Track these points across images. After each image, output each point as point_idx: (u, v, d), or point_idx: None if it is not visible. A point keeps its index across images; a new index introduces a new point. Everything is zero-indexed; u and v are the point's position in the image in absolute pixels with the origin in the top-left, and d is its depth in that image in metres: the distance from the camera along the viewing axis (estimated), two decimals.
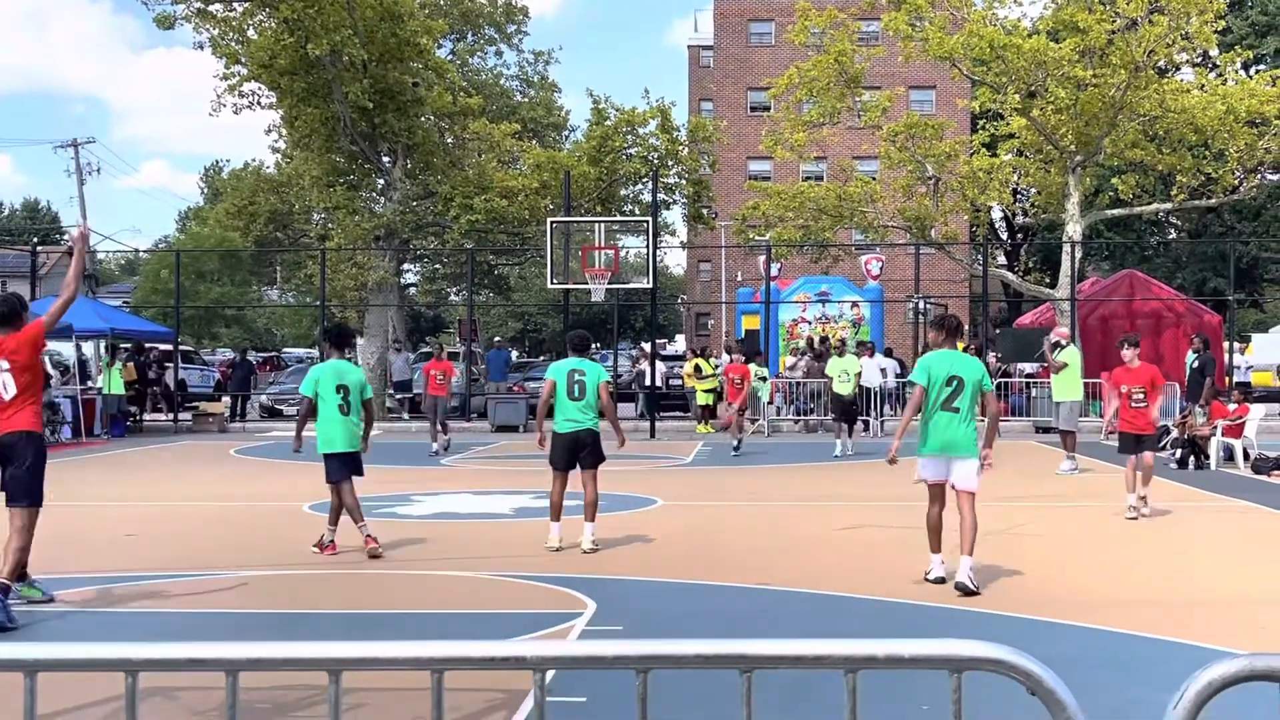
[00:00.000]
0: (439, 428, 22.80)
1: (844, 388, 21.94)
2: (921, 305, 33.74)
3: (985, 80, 31.07)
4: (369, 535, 11.06)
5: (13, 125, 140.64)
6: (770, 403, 29.22)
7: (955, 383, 9.53)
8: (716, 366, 30.60)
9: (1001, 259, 54.84)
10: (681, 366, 30.58)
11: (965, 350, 19.41)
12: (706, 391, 29.45)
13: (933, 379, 9.58)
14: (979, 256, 34.79)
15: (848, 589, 9.52)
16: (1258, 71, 40.52)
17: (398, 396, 34.51)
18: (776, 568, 10.47)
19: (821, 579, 9.89)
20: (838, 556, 11.21)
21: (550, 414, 11.47)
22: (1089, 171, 33.78)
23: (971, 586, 9.12)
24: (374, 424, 12.12)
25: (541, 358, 67.57)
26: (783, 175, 49.02)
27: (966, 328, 9.69)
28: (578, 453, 11.27)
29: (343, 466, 11.27)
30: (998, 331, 34.99)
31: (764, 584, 9.71)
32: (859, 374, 22.58)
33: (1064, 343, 19.68)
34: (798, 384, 30.10)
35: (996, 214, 53.96)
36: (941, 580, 9.43)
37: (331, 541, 11.30)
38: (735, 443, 22.38)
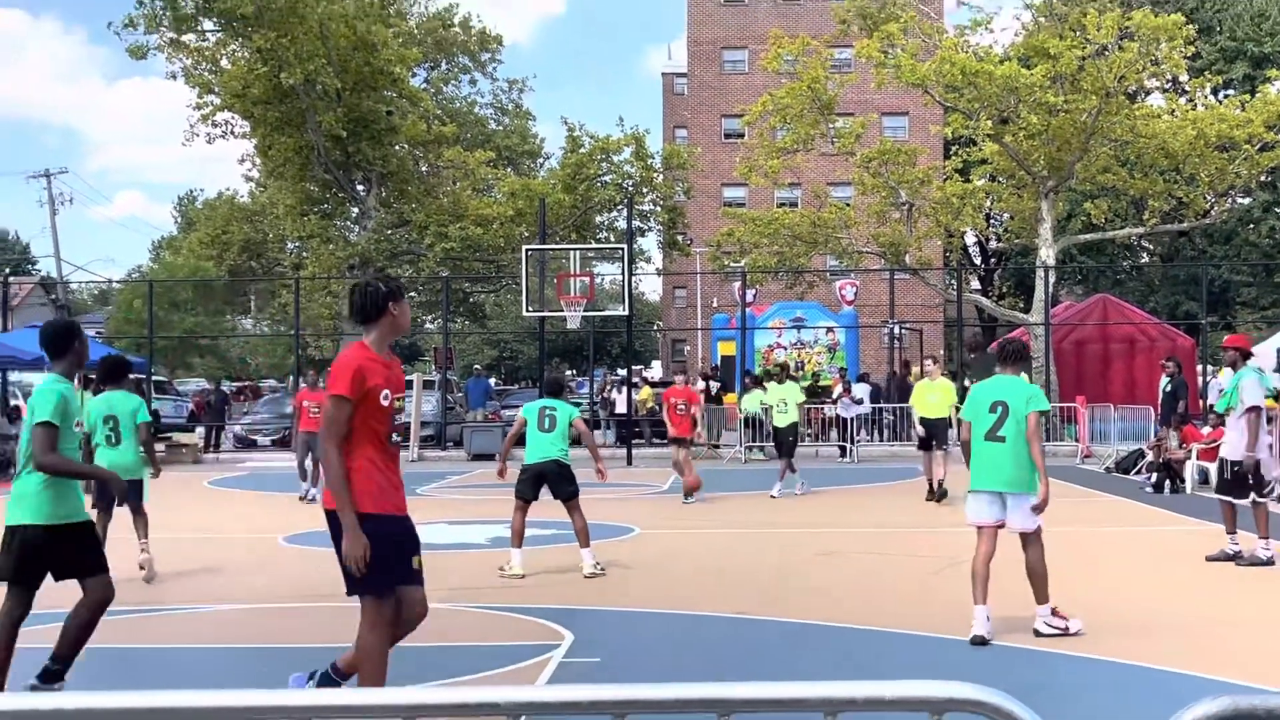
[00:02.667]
0: (315, 470, 18.86)
1: (781, 418, 19.65)
2: (896, 330, 33.82)
3: (958, 107, 31.26)
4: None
5: None
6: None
7: (999, 409, 8.66)
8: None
9: (976, 284, 55.13)
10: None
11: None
12: None
13: (976, 408, 8.86)
14: (953, 281, 34.92)
15: (827, 617, 9.46)
16: (1227, 96, 40.88)
17: None
18: (755, 596, 10.41)
19: (801, 608, 9.84)
20: (817, 584, 11.16)
21: (521, 447, 11.71)
22: (1061, 196, 34.01)
23: (1049, 631, 8.50)
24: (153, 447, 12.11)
25: (517, 385, 67.43)
26: (757, 201, 49.16)
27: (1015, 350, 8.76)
28: (544, 482, 11.47)
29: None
30: (972, 356, 35.05)
31: (742, 613, 9.65)
32: (801, 404, 20.35)
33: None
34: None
35: (970, 239, 54.22)
36: (982, 640, 8.31)
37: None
38: (685, 493, 18.43)
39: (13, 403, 30.80)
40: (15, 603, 6.94)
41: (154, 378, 35.71)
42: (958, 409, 17.30)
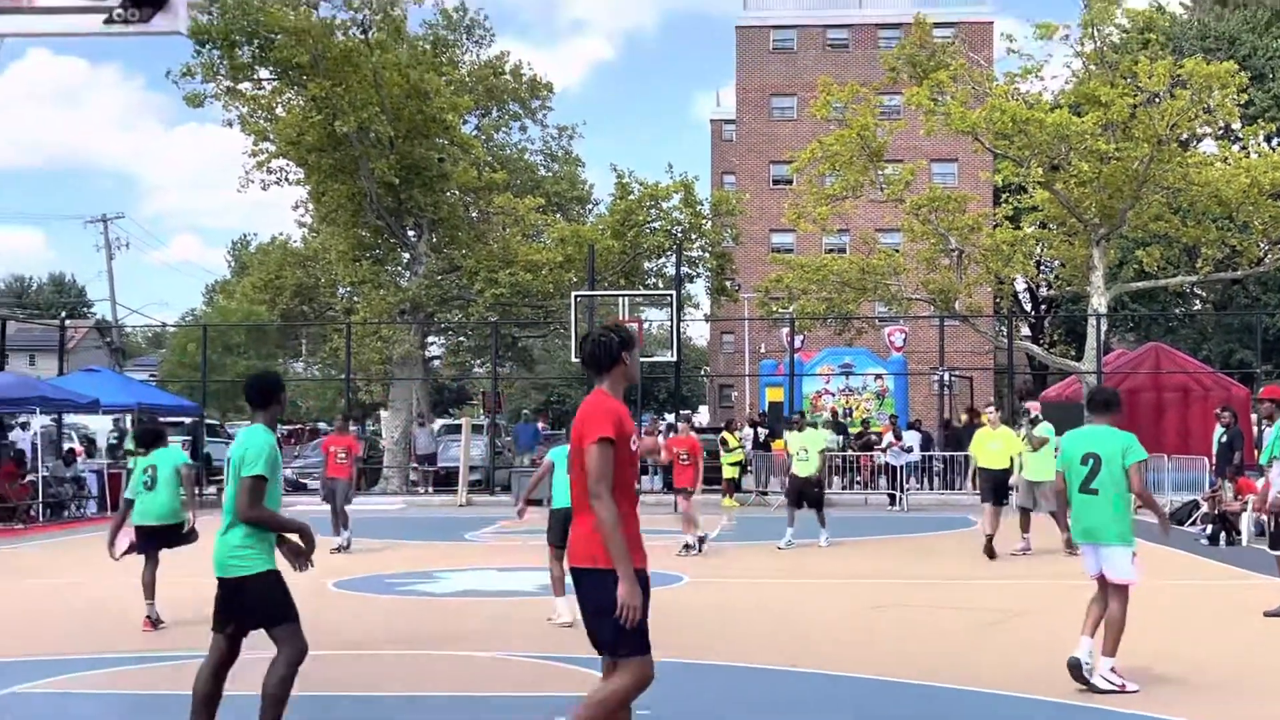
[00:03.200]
0: (340, 517, 18.76)
1: (802, 467, 18.75)
2: (946, 377, 33.63)
3: (1008, 154, 31.19)
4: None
5: (44, 201, 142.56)
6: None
7: (1091, 461, 8.68)
8: (743, 440, 30.50)
9: (1026, 331, 54.77)
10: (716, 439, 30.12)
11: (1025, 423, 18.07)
12: (732, 465, 29.34)
13: (1069, 460, 8.86)
14: (1003, 329, 34.69)
15: (879, 671, 9.39)
16: None
17: (421, 470, 34.48)
18: (807, 649, 10.35)
19: (853, 661, 9.77)
20: (868, 636, 11.08)
21: (537, 493, 12.15)
22: (1113, 244, 33.77)
23: (1106, 687, 8.39)
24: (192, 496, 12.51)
25: (565, 430, 67.47)
26: (805, 247, 49.16)
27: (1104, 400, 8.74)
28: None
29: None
30: (1023, 405, 34.80)
31: (794, 666, 9.60)
32: (824, 451, 19.46)
33: (1039, 416, 18.24)
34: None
35: (1020, 286, 53.90)
36: (1075, 664, 8.50)
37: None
38: (688, 540, 17.87)
39: (66, 445, 31.18)
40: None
41: (206, 420, 36.05)
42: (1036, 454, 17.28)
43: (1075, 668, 8.47)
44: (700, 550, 17.64)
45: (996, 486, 17.47)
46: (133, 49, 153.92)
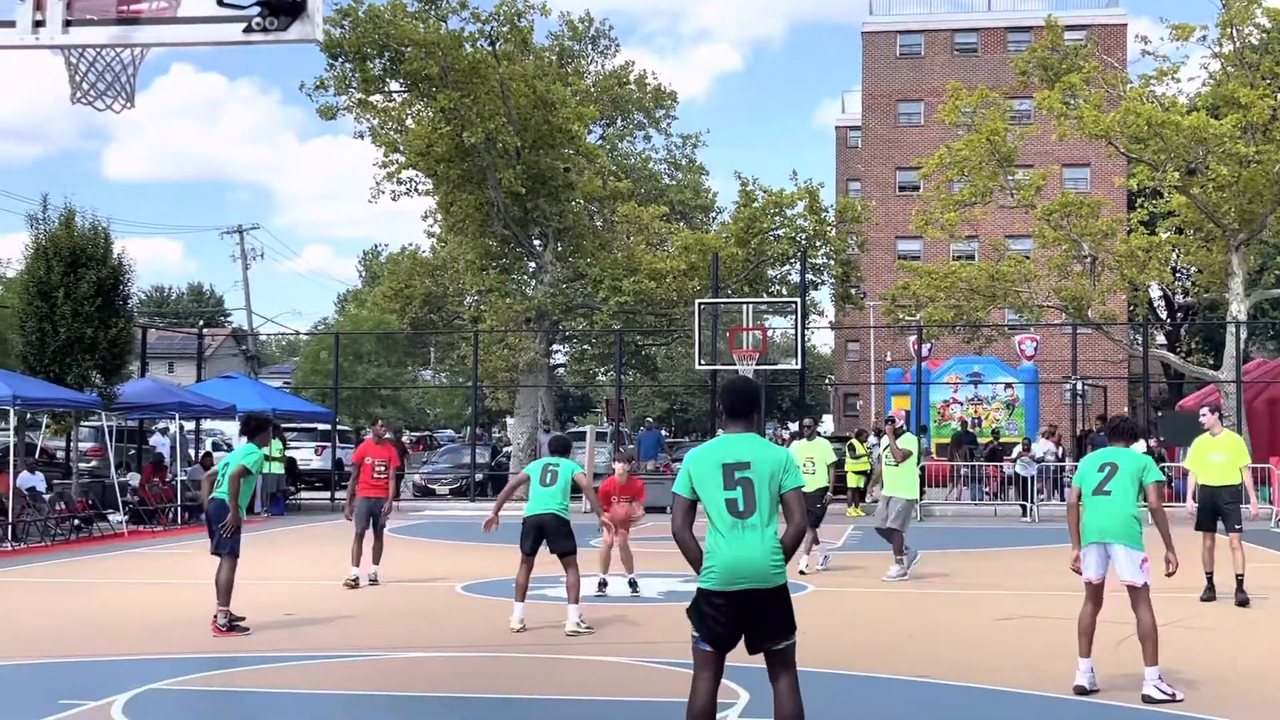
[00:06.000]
0: (376, 537, 15.39)
1: (809, 481, 15.64)
2: (1079, 387, 32.92)
3: (1142, 158, 30.46)
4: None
5: (183, 212, 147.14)
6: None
7: (1107, 469, 8.84)
8: (871, 448, 30.16)
9: (1161, 339, 53.36)
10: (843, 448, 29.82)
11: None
12: (857, 473, 29.08)
13: (1084, 472, 9.05)
14: (1138, 337, 33.89)
15: (1006, 682, 9.22)
16: None
17: None
18: (932, 659, 10.20)
19: (978, 672, 9.60)
20: (994, 648, 10.88)
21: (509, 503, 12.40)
22: (1253, 249, 32.78)
23: (1159, 696, 8.43)
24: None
25: (688, 438, 67.50)
26: (933, 255, 48.53)
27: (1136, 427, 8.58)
28: (543, 536, 11.65)
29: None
30: (1159, 414, 33.97)
31: (923, 677, 9.46)
32: (832, 465, 17.25)
33: (903, 426, 16.41)
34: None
35: (1155, 293, 52.57)
36: (1083, 690, 8.68)
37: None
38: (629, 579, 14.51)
39: (203, 450, 32.03)
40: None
41: (339, 427, 36.79)
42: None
43: (1084, 692, 8.64)
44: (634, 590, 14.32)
45: (1219, 507, 14.07)
46: (269, 64, 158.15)
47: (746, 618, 5.97)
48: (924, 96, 56.38)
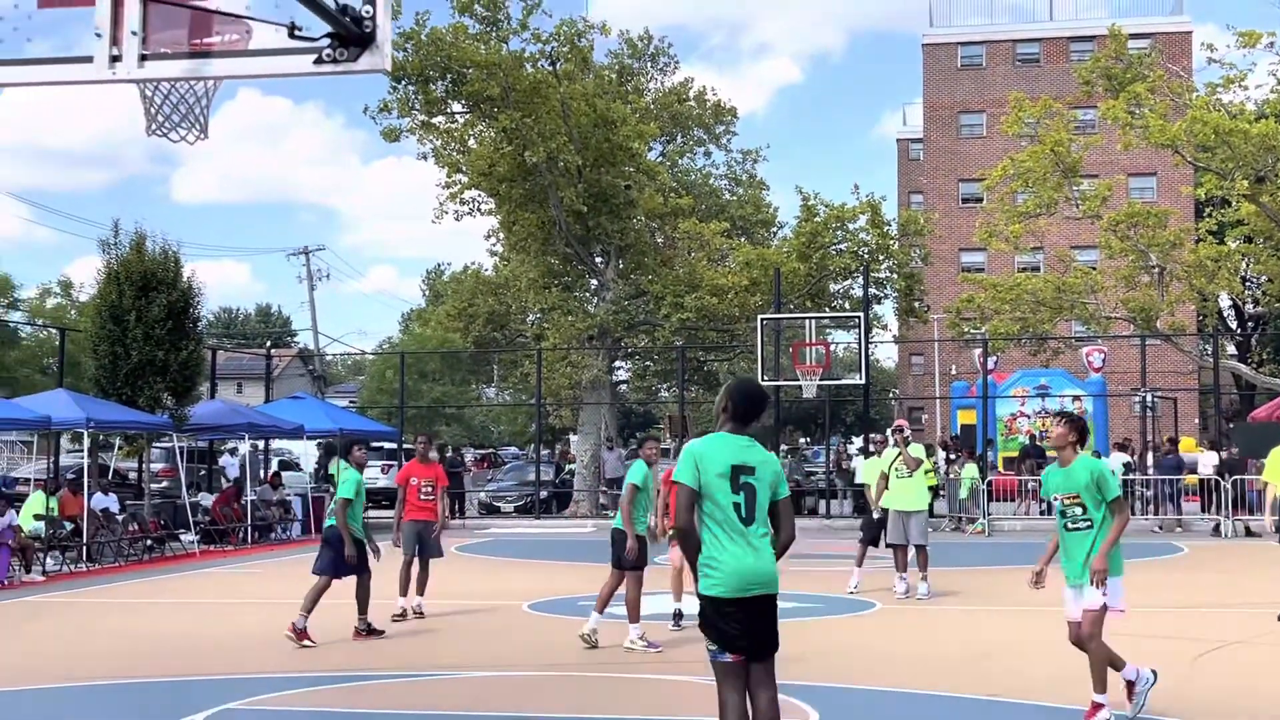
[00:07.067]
0: (422, 566, 14.15)
1: (910, 498, 15.17)
2: (1148, 399, 32.46)
3: (1210, 166, 30.05)
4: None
5: (250, 235, 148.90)
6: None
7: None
8: (936, 464, 29.89)
9: (1232, 349, 52.53)
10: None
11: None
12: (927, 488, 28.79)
13: (1048, 493, 8.63)
14: (1208, 347, 33.41)
15: (1079, 701, 9.10)
16: None
17: (610, 493, 34.82)
18: (1004, 676, 10.09)
19: (1052, 692, 9.48)
20: (1067, 666, 10.74)
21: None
22: None
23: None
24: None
25: None
26: (997, 267, 48.14)
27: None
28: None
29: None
30: (1231, 426, 33.43)
31: (995, 696, 9.37)
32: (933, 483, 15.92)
33: (910, 436, 15.60)
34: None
35: (1225, 303, 51.78)
36: None
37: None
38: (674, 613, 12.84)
39: (270, 470, 32.38)
40: None
41: (404, 445, 37.03)
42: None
43: None
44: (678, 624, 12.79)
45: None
46: (333, 88, 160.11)
47: (755, 624, 5.88)
48: (986, 108, 56.02)
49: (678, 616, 12.55)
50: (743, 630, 5.85)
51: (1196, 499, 28.50)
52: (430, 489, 14.19)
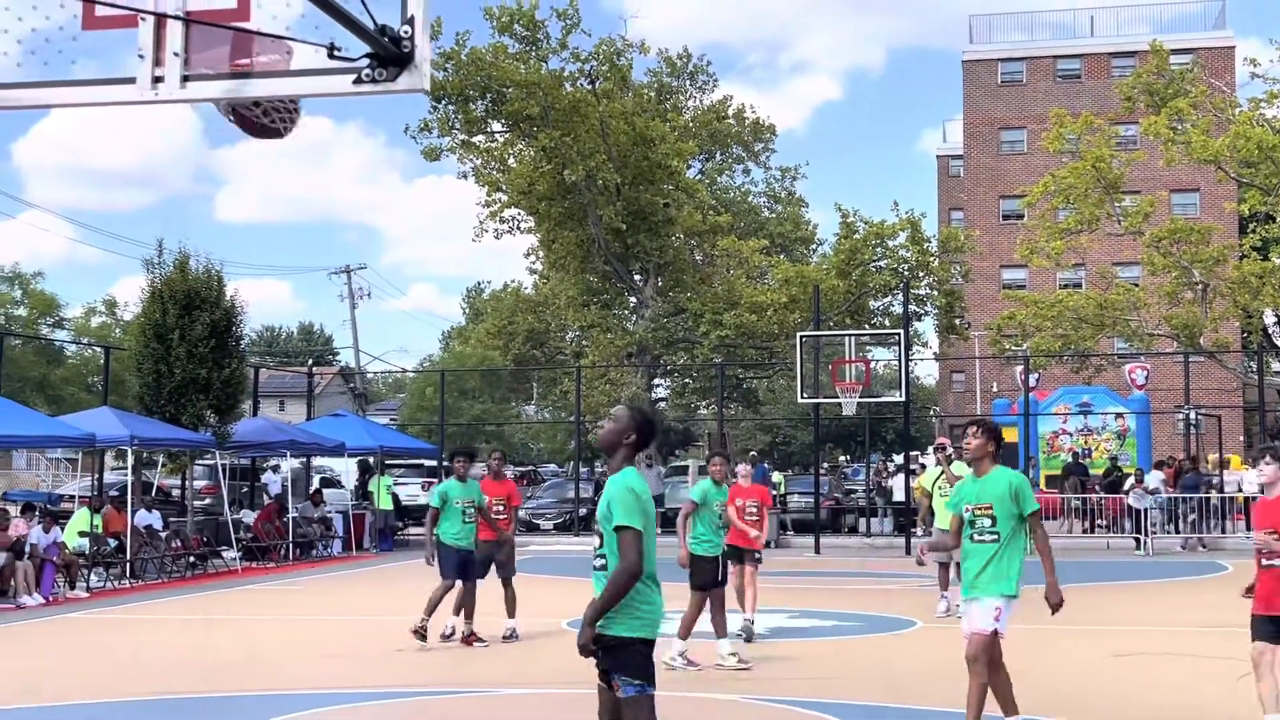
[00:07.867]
0: (506, 587, 13.95)
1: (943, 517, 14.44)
2: (1192, 416, 32.17)
3: (1254, 182, 29.78)
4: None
5: (292, 253, 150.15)
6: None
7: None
8: None
9: (1277, 366, 51.95)
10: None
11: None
12: None
13: (957, 504, 8.51)
14: (1253, 364, 33.04)
15: (1108, 718, 9.03)
16: None
17: None
18: (1047, 698, 10.01)
19: (1093, 712, 9.41)
20: (1111, 687, 10.66)
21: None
22: None
23: None
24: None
25: (791, 470, 67.09)
26: (1038, 283, 47.86)
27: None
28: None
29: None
30: (1277, 443, 33.06)
31: (1030, 716, 9.29)
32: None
33: (952, 454, 14.96)
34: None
35: (1270, 320, 51.25)
36: None
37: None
38: (745, 624, 13.17)
39: (313, 487, 32.56)
40: None
41: (443, 463, 37.19)
42: None
43: None
44: (748, 638, 13.01)
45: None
46: (374, 108, 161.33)
47: None
48: (1026, 124, 55.77)
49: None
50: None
51: (1241, 517, 28.16)
52: (503, 507, 13.92)
